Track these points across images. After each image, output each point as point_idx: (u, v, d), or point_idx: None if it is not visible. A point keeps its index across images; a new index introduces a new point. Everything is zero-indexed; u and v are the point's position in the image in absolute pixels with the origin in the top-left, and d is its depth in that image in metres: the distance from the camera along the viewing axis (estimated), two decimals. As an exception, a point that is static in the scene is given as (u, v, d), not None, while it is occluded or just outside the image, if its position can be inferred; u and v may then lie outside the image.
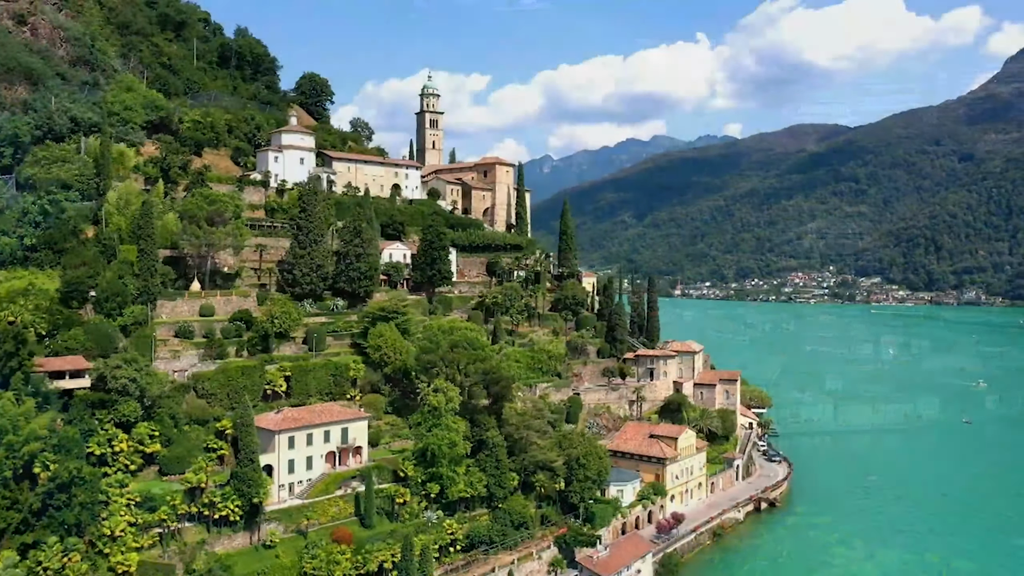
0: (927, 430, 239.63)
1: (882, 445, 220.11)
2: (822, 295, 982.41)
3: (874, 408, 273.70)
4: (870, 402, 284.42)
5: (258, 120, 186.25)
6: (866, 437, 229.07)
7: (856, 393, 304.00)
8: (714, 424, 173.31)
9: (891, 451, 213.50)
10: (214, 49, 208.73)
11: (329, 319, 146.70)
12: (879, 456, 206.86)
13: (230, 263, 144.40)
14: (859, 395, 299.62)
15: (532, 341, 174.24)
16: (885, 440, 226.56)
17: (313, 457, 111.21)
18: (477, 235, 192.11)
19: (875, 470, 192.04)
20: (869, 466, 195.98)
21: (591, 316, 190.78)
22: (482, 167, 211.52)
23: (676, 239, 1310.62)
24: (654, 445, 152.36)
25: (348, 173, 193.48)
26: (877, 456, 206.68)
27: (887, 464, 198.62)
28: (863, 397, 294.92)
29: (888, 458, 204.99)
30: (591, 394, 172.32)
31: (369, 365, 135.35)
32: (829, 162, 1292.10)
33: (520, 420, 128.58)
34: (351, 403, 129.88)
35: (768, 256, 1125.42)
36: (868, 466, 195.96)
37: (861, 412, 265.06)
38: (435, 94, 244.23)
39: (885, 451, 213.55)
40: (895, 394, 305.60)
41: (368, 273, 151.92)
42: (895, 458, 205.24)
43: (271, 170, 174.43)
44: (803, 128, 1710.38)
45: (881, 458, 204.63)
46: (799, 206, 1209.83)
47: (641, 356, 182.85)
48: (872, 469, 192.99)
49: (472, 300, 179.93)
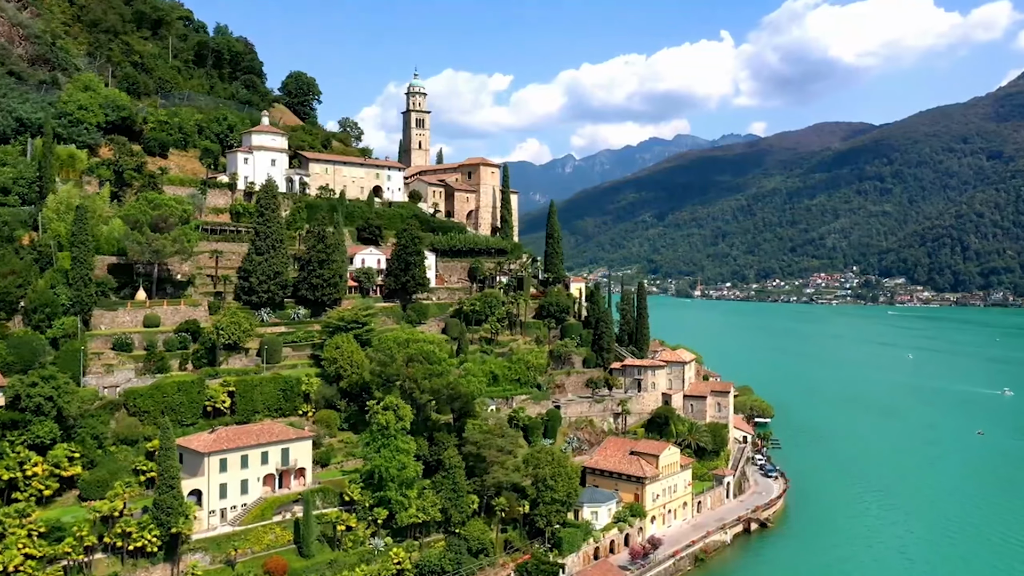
0: (938, 442, 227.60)
1: (889, 458, 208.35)
2: (845, 296, 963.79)
3: (885, 417, 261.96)
4: (881, 410, 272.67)
5: (231, 120, 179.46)
6: (874, 449, 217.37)
7: (868, 401, 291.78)
8: (703, 439, 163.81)
9: (898, 465, 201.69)
10: (191, 47, 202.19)
11: (289, 329, 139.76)
12: (885, 470, 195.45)
13: (184, 270, 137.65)
14: (871, 403, 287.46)
15: (512, 351, 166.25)
16: (893, 452, 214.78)
17: (249, 480, 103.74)
18: (458, 239, 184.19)
19: (878, 486, 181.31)
20: (873, 481, 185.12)
21: (577, 324, 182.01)
22: (466, 168, 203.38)
23: (697, 239, 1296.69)
24: (634, 463, 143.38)
25: (325, 175, 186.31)
26: (882, 470, 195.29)
27: (891, 480, 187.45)
28: (875, 405, 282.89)
29: (893, 473, 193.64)
30: (573, 406, 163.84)
31: (325, 379, 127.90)
32: (854, 160, 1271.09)
33: (482, 438, 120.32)
34: (303, 419, 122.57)
35: (790, 256, 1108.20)
36: (872, 481, 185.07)
37: (871, 421, 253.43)
38: (421, 92, 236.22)
39: (891, 465, 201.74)
40: (909, 401, 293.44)
41: (332, 280, 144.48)
42: (901, 473, 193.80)
43: (240, 172, 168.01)
44: (827, 126, 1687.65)
45: (886, 472, 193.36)
46: (822, 205, 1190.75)
47: (628, 366, 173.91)
48: (876, 484, 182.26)
49: (451, 307, 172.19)
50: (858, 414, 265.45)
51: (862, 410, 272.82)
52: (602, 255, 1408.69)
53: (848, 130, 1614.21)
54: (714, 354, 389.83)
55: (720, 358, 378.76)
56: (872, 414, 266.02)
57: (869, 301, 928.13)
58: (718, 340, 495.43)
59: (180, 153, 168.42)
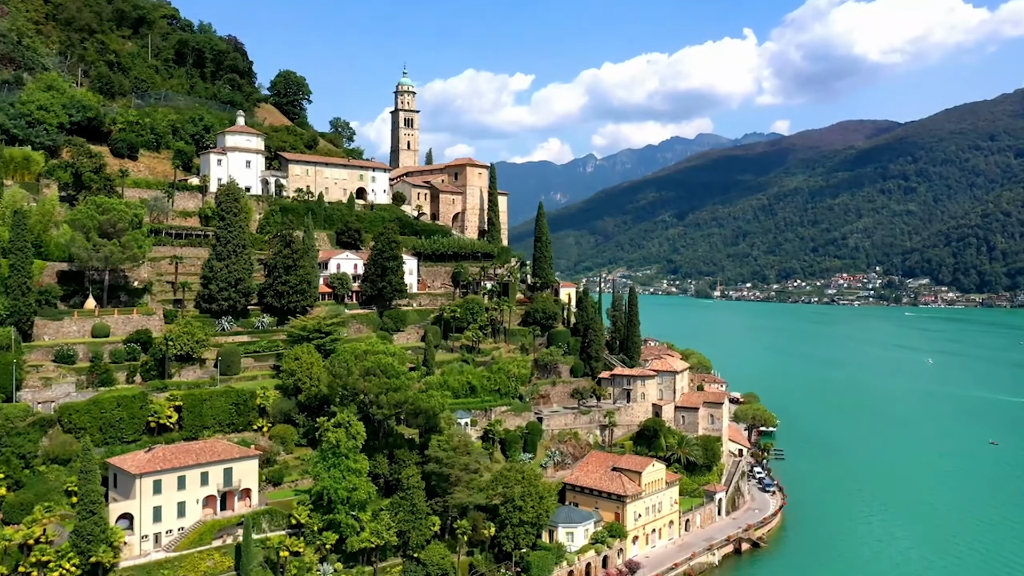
0: (950, 452, 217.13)
1: (897, 470, 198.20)
2: (867, 297, 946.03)
3: (898, 426, 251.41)
4: (894, 419, 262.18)
5: (207, 120, 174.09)
6: (882, 460, 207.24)
7: (881, 408, 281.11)
8: (694, 453, 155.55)
9: (905, 478, 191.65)
10: (171, 46, 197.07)
11: (253, 338, 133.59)
12: (890, 483, 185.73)
13: (143, 277, 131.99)
14: (884, 411, 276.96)
15: (494, 359, 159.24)
16: (901, 464, 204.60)
17: (187, 503, 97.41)
18: (441, 242, 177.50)
19: (883, 500, 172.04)
20: (877, 495, 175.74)
21: (564, 331, 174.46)
22: (452, 169, 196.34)
23: (717, 239, 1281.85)
24: (615, 480, 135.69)
25: (306, 176, 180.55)
26: (888, 483, 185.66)
27: (896, 494, 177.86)
28: (888, 413, 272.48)
29: (899, 486, 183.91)
30: (557, 418, 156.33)
31: (284, 392, 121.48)
32: (878, 159, 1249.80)
33: (445, 456, 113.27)
34: (258, 435, 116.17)
35: (811, 256, 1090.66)
36: (876, 495, 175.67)
37: (882, 430, 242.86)
38: (410, 91, 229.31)
39: (898, 477, 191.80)
40: (925, 409, 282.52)
41: (299, 287, 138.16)
42: (907, 486, 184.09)
43: (213, 174, 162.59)
44: (851, 124, 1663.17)
45: (892, 486, 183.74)
46: (845, 204, 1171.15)
47: (617, 376, 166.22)
48: (880, 499, 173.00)
49: (433, 314, 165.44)
50: (869, 423, 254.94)
51: (874, 418, 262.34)
52: (621, 255, 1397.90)
53: (872, 128, 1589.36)
54: (725, 358, 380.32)
55: (731, 362, 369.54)
56: (884, 423, 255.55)
57: (892, 302, 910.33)
58: (732, 343, 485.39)
59: (151, 155, 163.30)
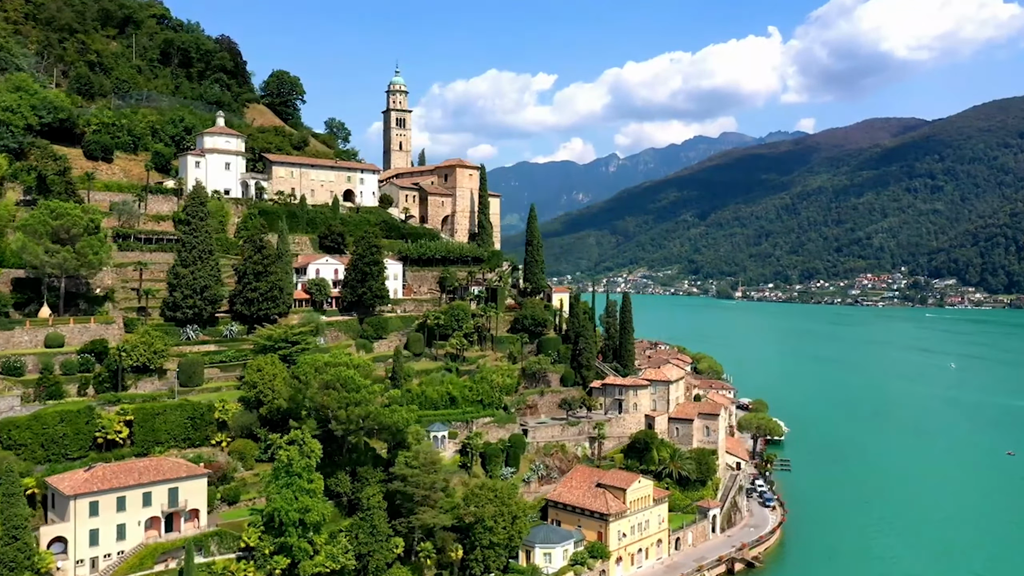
0: (966, 463, 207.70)
1: (909, 481, 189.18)
2: (891, 298, 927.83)
3: (914, 434, 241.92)
4: (911, 427, 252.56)
5: (188, 121, 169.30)
6: (894, 471, 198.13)
7: (898, 416, 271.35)
8: (687, 467, 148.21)
9: (917, 490, 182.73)
10: (157, 46, 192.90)
11: (220, 348, 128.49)
12: (901, 496, 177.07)
13: (107, 284, 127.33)
14: (901, 418, 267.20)
15: (479, 368, 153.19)
16: (915, 475, 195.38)
17: (127, 525, 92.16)
18: (428, 246, 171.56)
19: (891, 514, 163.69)
20: (886, 509, 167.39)
21: (555, 338, 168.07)
22: (442, 171, 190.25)
23: (740, 239, 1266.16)
24: (599, 497, 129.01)
25: (291, 178, 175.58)
26: (899, 496, 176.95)
27: (906, 507, 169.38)
28: (905, 421, 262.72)
29: (910, 499, 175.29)
30: (543, 430, 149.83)
31: (247, 404, 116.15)
32: (904, 157, 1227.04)
33: (410, 473, 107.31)
34: (216, 450, 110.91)
35: (835, 256, 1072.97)
36: (885, 509, 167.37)
37: (897, 440, 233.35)
38: (402, 91, 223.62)
39: (910, 490, 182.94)
40: (944, 416, 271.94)
41: (269, 294, 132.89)
42: (919, 500, 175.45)
43: (191, 176, 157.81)
44: (877, 122, 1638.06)
45: (902, 499, 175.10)
46: (870, 203, 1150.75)
47: (608, 385, 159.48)
48: (888, 513, 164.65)
49: (417, 320, 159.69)
50: (884, 431, 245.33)
51: (889, 426, 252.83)
52: (642, 255, 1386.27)
53: (899, 126, 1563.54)
54: (739, 362, 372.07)
55: (745, 366, 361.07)
56: (899, 431, 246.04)
57: (917, 303, 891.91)
58: (748, 346, 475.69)
59: (128, 157, 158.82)
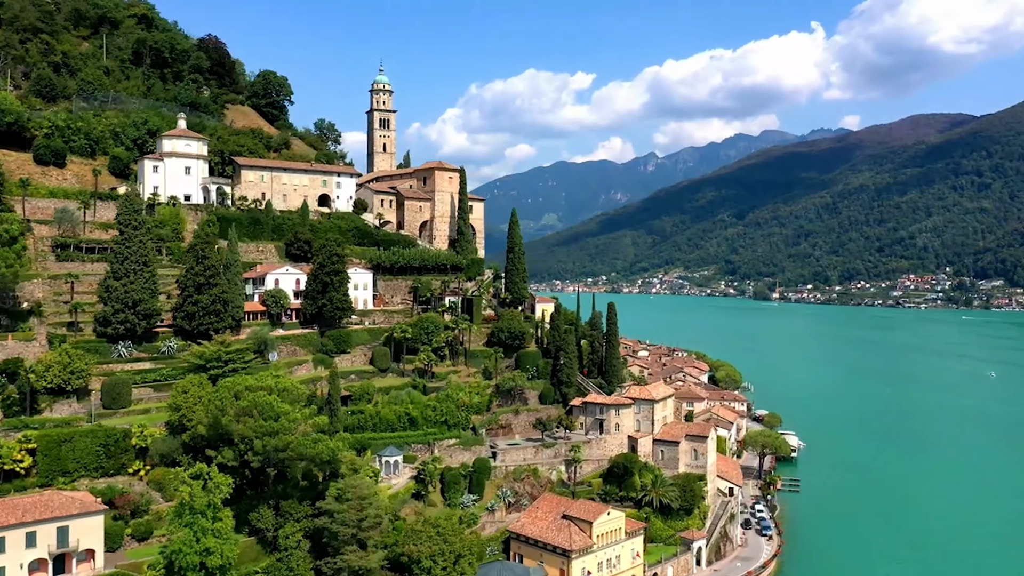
0: (995, 486, 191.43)
1: (930, 508, 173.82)
2: (935, 300, 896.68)
3: (941, 452, 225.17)
4: (938, 444, 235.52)
5: (153, 123, 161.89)
6: (915, 494, 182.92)
7: (925, 432, 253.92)
8: (670, 494, 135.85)
9: (938, 518, 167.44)
10: (130, 46, 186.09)
11: (156, 366, 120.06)
12: (920, 524, 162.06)
13: (35, 297, 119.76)
14: (928, 434, 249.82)
15: (448, 384, 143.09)
16: (937, 499, 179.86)
17: (7, 569, 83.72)
18: (402, 254, 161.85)
19: (908, 546, 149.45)
20: (902, 539, 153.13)
21: (534, 352, 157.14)
22: (421, 173, 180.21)
23: (778, 239, 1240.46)
24: (563, 530, 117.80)
25: (261, 183, 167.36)
26: (918, 524, 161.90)
27: (926, 537, 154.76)
28: (932, 437, 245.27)
29: (931, 528, 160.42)
30: (514, 452, 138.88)
31: (171, 429, 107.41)
32: (950, 154, 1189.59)
33: (337, 509, 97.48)
34: (133, 480, 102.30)
35: (877, 257, 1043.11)
36: (901, 539, 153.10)
37: (922, 459, 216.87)
38: (386, 90, 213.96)
39: (931, 517, 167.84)
40: (976, 433, 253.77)
41: (212, 307, 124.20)
42: (939, 529, 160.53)
43: (149, 181, 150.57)
44: (923, 118, 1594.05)
45: (921, 527, 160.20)
46: (914, 202, 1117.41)
47: (589, 404, 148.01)
48: (905, 544, 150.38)
49: (386, 333, 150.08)
50: (909, 448, 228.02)
51: (916, 443, 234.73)
52: (678, 255, 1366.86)
53: (945, 122, 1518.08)
54: (762, 369, 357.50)
55: (768, 374, 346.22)
56: (926, 448, 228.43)
57: (962, 305, 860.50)
58: (775, 352, 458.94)
59: (85, 161, 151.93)
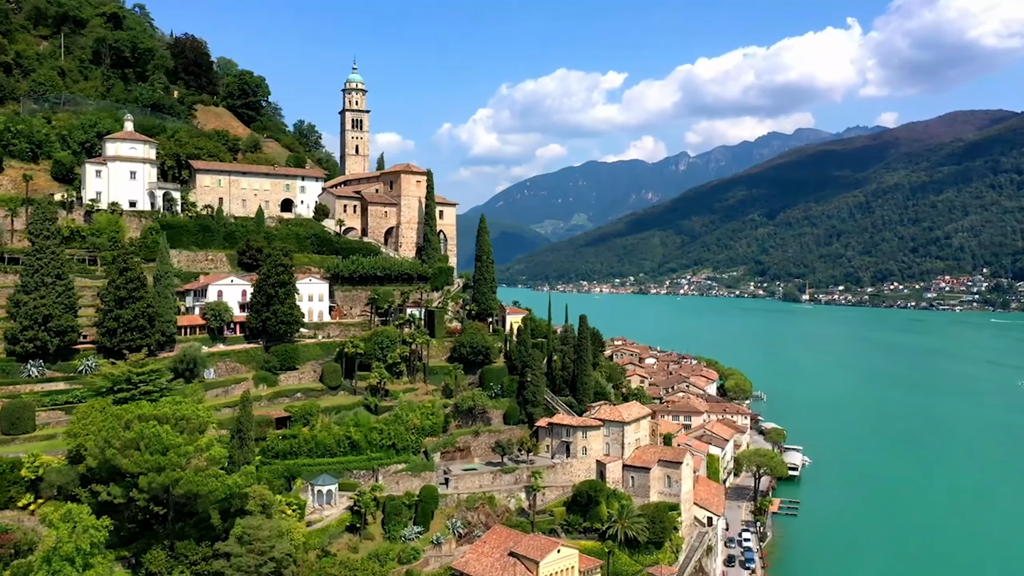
0: (1012, 509, 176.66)
1: (941, 536, 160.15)
2: (970, 302, 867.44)
3: (957, 471, 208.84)
4: (956, 462, 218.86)
5: (104, 126, 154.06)
6: (924, 520, 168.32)
7: (942, 448, 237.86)
8: (637, 526, 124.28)
9: (947, 549, 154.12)
10: (90, 45, 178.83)
11: (73, 386, 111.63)
12: (928, 554, 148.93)
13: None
14: (944, 450, 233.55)
15: (401, 404, 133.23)
16: (949, 526, 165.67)
17: None
18: (361, 263, 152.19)
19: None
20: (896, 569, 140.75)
21: (500, 368, 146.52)
22: (388, 177, 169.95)
23: (809, 239, 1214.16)
24: (508, 568, 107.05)
25: (218, 188, 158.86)
26: (926, 556, 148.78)
27: (932, 570, 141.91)
28: (948, 454, 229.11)
29: (938, 555, 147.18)
30: (469, 479, 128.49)
31: (71, 459, 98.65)
32: (989, 151, 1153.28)
33: (236, 552, 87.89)
34: (22, 514, 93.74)
35: (911, 257, 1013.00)
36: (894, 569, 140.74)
37: (937, 477, 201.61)
38: (359, 89, 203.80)
39: (939, 548, 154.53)
40: (998, 449, 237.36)
41: (134, 323, 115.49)
42: (946, 552, 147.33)
43: (91, 187, 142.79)
44: (961, 115, 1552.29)
45: (929, 558, 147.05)
46: (950, 201, 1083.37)
47: (555, 425, 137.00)
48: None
49: (338, 348, 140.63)
50: (924, 467, 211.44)
51: (931, 462, 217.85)
52: (707, 256, 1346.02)
53: (985, 119, 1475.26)
54: (777, 377, 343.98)
55: (783, 382, 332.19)
56: (941, 467, 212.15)
57: (999, 307, 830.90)
58: (793, 358, 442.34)
59: (26, 166, 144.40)
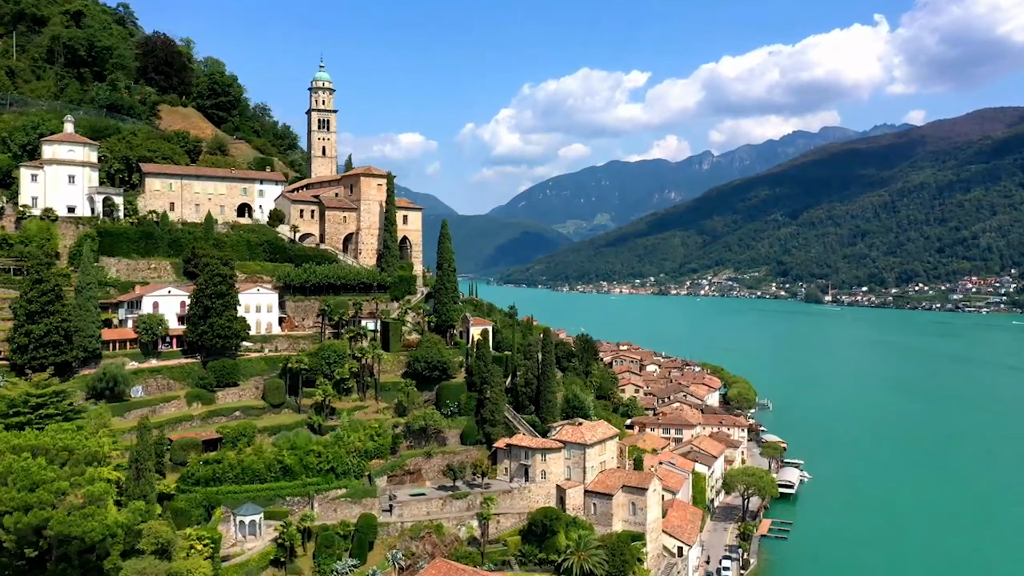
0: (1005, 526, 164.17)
1: (941, 552, 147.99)
2: (998, 303, 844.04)
3: (969, 489, 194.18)
4: (968, 478, 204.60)
5: (47, 127, 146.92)
6: (929, 545, 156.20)
7: (955, 463, 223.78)
8: (595, 559, 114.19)
9: (947, 564, 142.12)
10: (44, 44, 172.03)
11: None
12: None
13: None
14: (958, 467, 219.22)
15: (343, 425, 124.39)
16: (951, 541, 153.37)
17: None
18: (314, 271, 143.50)
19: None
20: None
21: (458, 384, 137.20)
22: (348, 180, 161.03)
23: (832, 239, 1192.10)
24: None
25: (169, 192, 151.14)
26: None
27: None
28: (962, 470, 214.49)
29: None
30: (416, 505, 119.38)
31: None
32: (1018, 149, 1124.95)
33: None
34: None
35: (937, 258, 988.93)
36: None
37: (944, 497, 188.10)
38: (326, 88, 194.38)
39: (937, 564, 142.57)
40: (1016, 463, 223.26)
41: (47, 339, 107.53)
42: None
43: (27, 192, 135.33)
44: (990, 112, 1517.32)
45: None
46: (978, 200, 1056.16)
47: (513, 447, 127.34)
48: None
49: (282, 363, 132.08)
50: (932, 485, 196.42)
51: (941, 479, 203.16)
52: (729, 256, 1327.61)
53: (1015, 116, 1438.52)
54: (785, 384, 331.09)
55: (793, 389, 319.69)
56: (952, 484, 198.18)
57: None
58: (810, 363, 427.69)
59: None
